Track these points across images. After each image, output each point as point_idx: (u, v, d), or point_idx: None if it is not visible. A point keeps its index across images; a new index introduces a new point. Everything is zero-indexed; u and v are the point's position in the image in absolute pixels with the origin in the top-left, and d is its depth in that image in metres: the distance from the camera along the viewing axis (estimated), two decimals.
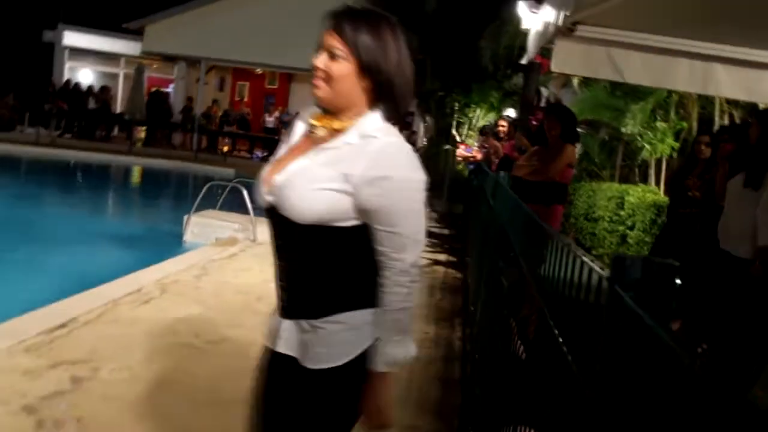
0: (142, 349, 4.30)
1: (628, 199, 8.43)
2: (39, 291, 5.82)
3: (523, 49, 13.00)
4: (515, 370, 2.69)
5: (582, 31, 6.24)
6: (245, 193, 8.47)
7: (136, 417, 3.39)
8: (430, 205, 14.00)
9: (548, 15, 5.51)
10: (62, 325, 4.44)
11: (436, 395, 4.20)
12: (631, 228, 8.21)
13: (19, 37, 26.04)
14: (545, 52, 6.93)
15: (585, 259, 1.19)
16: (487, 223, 4.34)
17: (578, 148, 7.89)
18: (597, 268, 1.11)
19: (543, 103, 9.98)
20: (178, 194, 15.86)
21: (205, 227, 8.57)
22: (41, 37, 24.42)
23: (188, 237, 8.53)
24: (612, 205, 9.03)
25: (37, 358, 3.92)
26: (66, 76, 24.05)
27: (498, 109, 16.93)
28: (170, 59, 24.38)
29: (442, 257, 8.95)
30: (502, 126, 8.78)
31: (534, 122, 6.41)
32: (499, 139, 8.35)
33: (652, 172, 10.93)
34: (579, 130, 6.44)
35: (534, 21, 6.31)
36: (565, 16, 4.40)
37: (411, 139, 17.79)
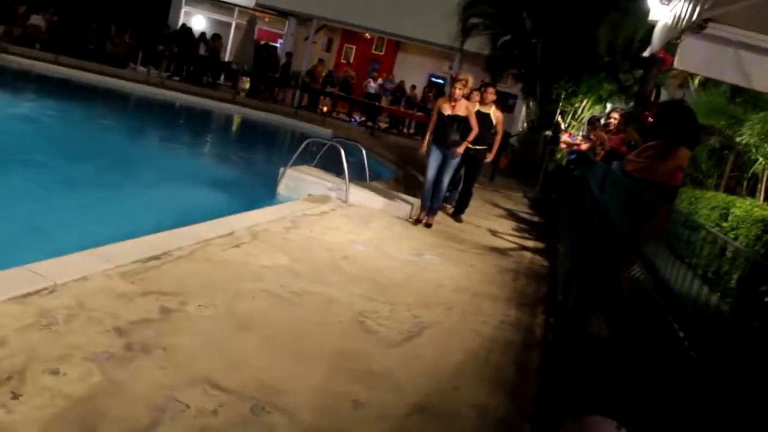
0: (229, 289, 4.38)
1: (734, 211, 8.05)
2: (137, 221, 6.02)
3: (643, 42, 12.59)
4: (605, 362, 2.60)
5: (713, 29, 5.96)
6: (342, 153, 8.52)
7: (217, 354, 3.46)
8: (523, 190, 13.78)
9: (680, 8, 5.25)
10: (156, 257, 4.57)
11: (512, 378, 4.13)
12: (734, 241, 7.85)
13: None
14: (669, 47, 6.65)
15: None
16: (589, 213, 4.21)
17: None
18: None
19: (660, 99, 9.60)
20: (276, 147, 16.13)
21: (299, 182, 8.66)
22: None
23: (282, 190, 8.64)
24: (715, 215, 8.65)
25: (130, 284, 4.04)
26: (181, 21, 24.67)
27: (605, 102, 16.46)
28: (282, 14, 24.65)
29: (530, 243, 8.81)
30: (614, 118, 8.49)
31: (650, 118, 6.16)
32: (607, 131, 8.09)
33: (762, 186, 10.40)
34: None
35: (663, 13, 6.04)
36: (702, 9, 4.16)
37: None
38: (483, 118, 8.66)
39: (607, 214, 3.44)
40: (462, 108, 7.87)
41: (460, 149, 7.86)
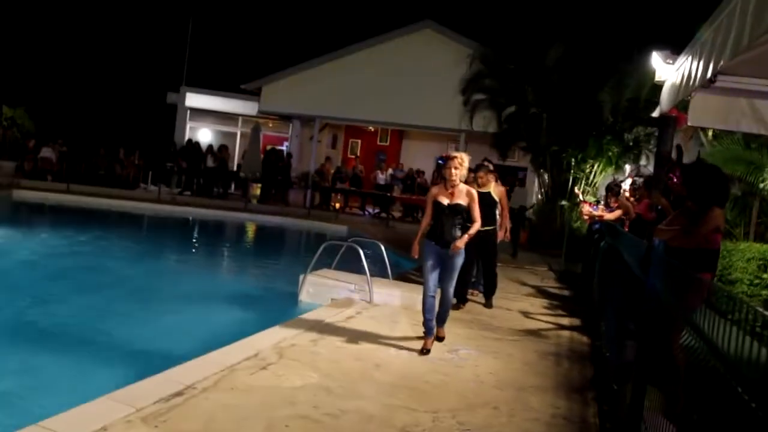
0: (260, 421, 4.09)
1: None
2: (156, 353, 5.79)
3: (649, 102, 12.52)
4: None
5: (722, 81, 5.80)
6: (361, 252, 8.31)
7: None
8: (547, 263, 13.46)
9: (688, 66, 5.10)
10: (179, 393, 4.30)
11: None
12: None
13: (146, 99, 27.47)
14: (680, 104, 6.49)
15: None
16: (630, 292, 3.94)
17: None
18: None
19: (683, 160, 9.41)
20: (292, 251, 15.99)
21: (320, 287, 8.44)
22: (165, 99, 25.63)
23: (304, 297, 8.42)
24: (752, 266, 8.29)
25: (154, 428, 3.77)
26: (187, 136, 25.06)
27: (616, 164, 16.29)
28: (285, 118, 25.01)
29: (565, 321, 8.46)
30: (625, 191, 8.40)
31: (674, 180, 5.96)
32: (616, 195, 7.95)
33: None
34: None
35: (670, 72, 5.90)
36: (715, 68, 3.99)
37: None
38: (484, 198, 8.13)
39: (655, 294, 3.17)
40: (462, 195, 6.37)
41: (461, 243, 6.24)
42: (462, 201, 6.37)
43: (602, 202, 11.45)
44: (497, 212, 8.84)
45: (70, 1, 32.12)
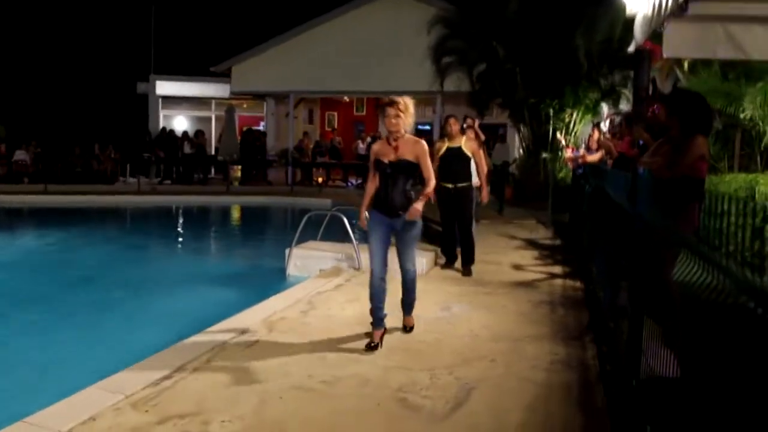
0: (254, 395, 3.99)
1: (759, 188, 7.66)
2: (145, 340, 5.66)
3: (623, 41, 12.36)
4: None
5: (695, 8, 5.67)
6: (345, 220, 8.21)
7: None
8: (534, 216, 13.40)
9: None
10: (168, 376, 4.20)
11: (580, 424, 3.72)
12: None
13: (115, 91, 27.10)
14: (654, 37, 6.37)
15: None
16: (623, 229, 3.85)
17: None
18: None
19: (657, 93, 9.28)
20: (278, 229, 15.83)
21: (307, 259, 8.34)
22: (135, 89, 25.24)
23: (291, 270, 8.32)
24: (740, 196, 8.26)
25: (144, 413, 3.67)
26: (161, 124, 24.73)
27: (594, 111, 16.16)
28: (259, 97, 24.72)
29: (557, 269, 8.40)
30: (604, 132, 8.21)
31: (651, 113, 5.85)
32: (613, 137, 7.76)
33: None
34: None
35: (640, 4, 5.77)
36: None
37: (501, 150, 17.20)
38: (453, 153, 8.00)
39: (644, 224, 3.08)
40: (409, 149, 5.15)
41: (418, 206, 5.11)
42: (409, 156, 5.14)
43: (583, 147, 11.36)
44: (473, 169, 8.30)
45: (24, 1, 31.47)
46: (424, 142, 5.30)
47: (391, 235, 5.36)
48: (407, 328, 5.54)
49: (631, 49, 7.04)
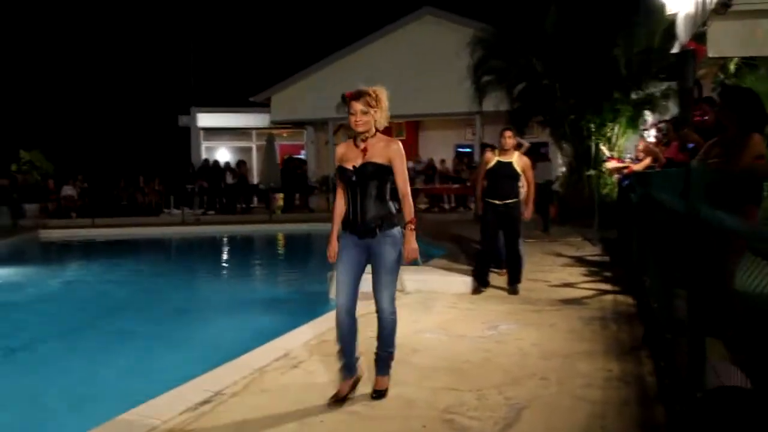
0: (294, 419, 3.85)
1: None
2: (187, 365, 5.59)
3: (662, 50, 12.07)
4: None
5: (740, 3, 5.45)
6: None
7: None
8: (580, 233, 13.09)
9: None
10: (207, 401, 4.08)
11: None
12: None
13: (158, 124, 27.56)
14: (698, 38, 6.15)
15: None
16: (677, 233, 3.62)
17: None
18: None
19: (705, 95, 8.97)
20: (321, 254, 15.68)
21: None
22: (177, 122, 25.62)
23: (333, 294, 8.16)
24: None
25: None
26: (203, 156, 25.00)
27: (636, 122, 15.73)
28: (298, 125, 24.85)
29: (607, 285, 8.12)
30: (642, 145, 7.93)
31: (697, 117, 5.61)
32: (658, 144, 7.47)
33: None
34: None
35: (681, 3, 5.56)
36: None
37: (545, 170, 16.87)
38: (504, 169, 7.70)
39: (702, 220, 2.86)
40: (379, 150, 4.16)
41: (413, 243, 4.18)
42: (380, 159, 4.12)
43: (628, 158, 11.06)
44: (520, 185, 8.03)
45: (67, 42, 32.28)
46: (399, 144, 4.24)
47: (366, 260, 4.29)
48: (376, 394, 4.23)
49: (675, 49, 6.81)
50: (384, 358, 4.37)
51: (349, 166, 4.17)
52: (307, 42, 31.54)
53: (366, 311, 4.81)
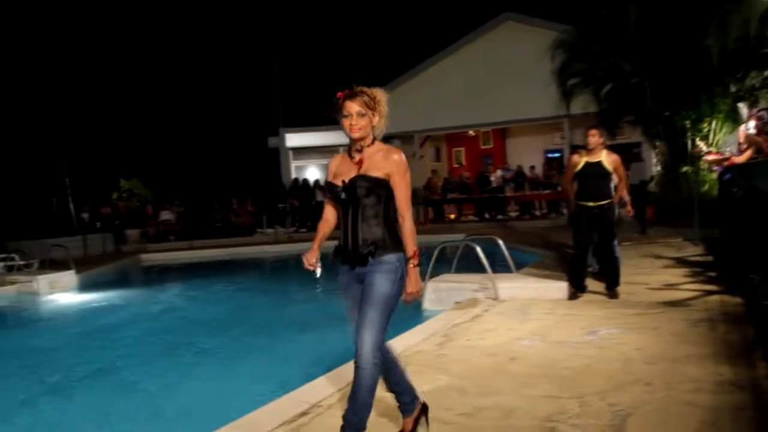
0: (389, 429, 3.80)
1: None
2: (284, 378, 5.67)
3: (761, 38, 11.51)
4: None
5: None
6: (479, 250, 7.96)
7: None
8: (680, 234, 12.59)
9: None
10: (304, 413, 4.09)
11: None
12: None
13: (249, 147, 28.27)
14: None
15: None
16: None
17: None
18: None
19: None
20: None
21: (442, 292, 8.14)
22: (267, 144, 26.19)
23: (427, 305, 8.12)
24: None
25: None
26: (293, 175, 25.43)
27: (734, 116, 15.04)
28: (385, 139, 24.93)
29: (711, 286, 7.73)
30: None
31: None
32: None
33: None
34: None
35: None
36: None
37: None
38: (593, 169, 7.44)
39: None
40: (377, 163, 3.51)
41: (415, 283, 3.52)
42: (376, 173, 3.47)
43: (728, 151, 10.55)
44: (612, 185, 7.69)
45: (157, 73, 33.54)
46: (401, 154, 3.57)
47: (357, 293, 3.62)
48: None
49: None
50: (354, 426, 3.43)
51: (339, 182, 3.51)
52: (389, 58, 31.76)
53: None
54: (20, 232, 19.33)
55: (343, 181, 3.48)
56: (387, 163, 3.47)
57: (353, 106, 3.49)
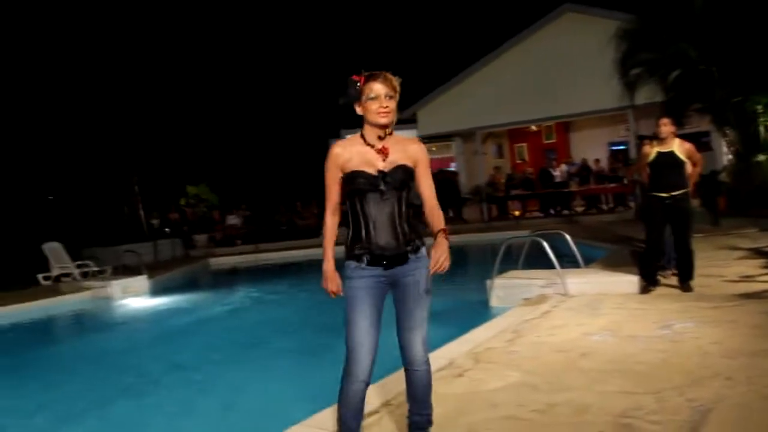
0: (459, 428, 3.77)
1: None
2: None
3: None
4: None
5: None
6: (546, 245, 7.85)
7: None
8: (755, 224, 12.17)
9: None
10: (374, 411, 4.10)
11: None
12: None
13: (311, 149, 28.54)
14: None
15: None
16: None
17: None
18: None
19: None
20: (478, 264, 15.63)
21: (510, 289, 8.04)
22: (328, 146, 26.36)
23: (494, 302, 8.05)
24: None
25: None
26: None
27: None
28: (446, 138, 24.86)
29: None
30: None
31: None
32: None
33: None
34: None
35: None
36: None
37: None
38: (667, 159, 7.23)
39: None
40: (401, 152, 3.31)
41: (442, 254, 3.12)
42: (406, 161, 3.28)
43: None
44: (686, 175, 7.36)
45: (218, 80, 34.12)
46: (421, 146, 3.40)
47: (383, 303, 3.38)
48: None
49: None
50: (422, 425, 3.43)
51: (371, 171, 3.21)
52: (447, 55, 31.62)
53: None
54: (94, 239, 19.97)
55: (380, 171, 3.21)
56: (412, 152, 3.29)
57: (382, 88, 3.23)
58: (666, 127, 7.22)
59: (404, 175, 3.22)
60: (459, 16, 36.88)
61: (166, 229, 23.10)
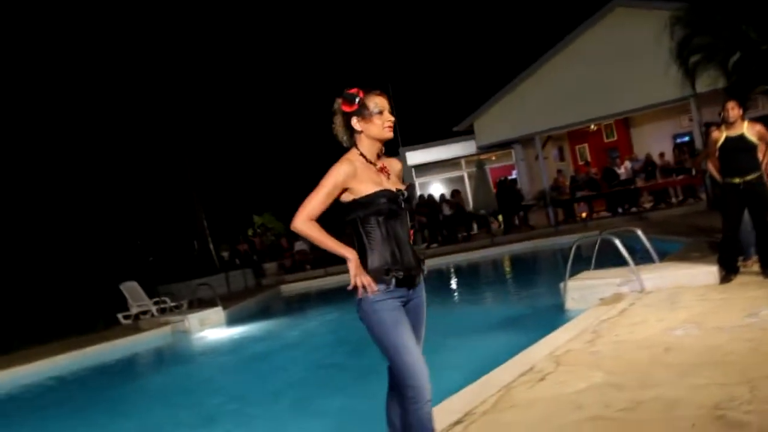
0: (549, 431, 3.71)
1: None
2: (436, 390, 5.63)
3: None
4: None
5: None
6: (617, 242, 7.71)
7: None
8: None
9: None
10: (458, 421, 4.06)
11: None
12: None
13: None
14: None
15: None
16: None
17: None
18: None
19: None
20: (549, 269, 15.45)
21: (584, 290, 7.90)
22: None
23: (569, 305, 7.92)
24: None
25: None
26: (418, 192, 25.58)
27: None
28: (506, 145, 24.70)
29: None
30: None
31: None
32: None
33: None
34: None
35: None
36: None
37: None
38: (736, 143, 6.99)
39: None
40: (394, 172, 3.40)
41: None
42: (398, 179, 3.36)
43: None
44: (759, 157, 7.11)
45: (272, 105, 34.60)
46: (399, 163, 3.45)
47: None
48: None
49: None
50: None
51: (392, 188, 3.20)
52: (500, 63, 31.47)
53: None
54: (168, 276, 20.48)
55: (399, 190, 3.21)
56: (397, 169, 3.36)
57: (385, 102, 3.21)
58: (734, 110, 7.02)
59: (412, 193, 3.30)
60: (508, 21, 36.66)
61: (236, 260, 23.53)
